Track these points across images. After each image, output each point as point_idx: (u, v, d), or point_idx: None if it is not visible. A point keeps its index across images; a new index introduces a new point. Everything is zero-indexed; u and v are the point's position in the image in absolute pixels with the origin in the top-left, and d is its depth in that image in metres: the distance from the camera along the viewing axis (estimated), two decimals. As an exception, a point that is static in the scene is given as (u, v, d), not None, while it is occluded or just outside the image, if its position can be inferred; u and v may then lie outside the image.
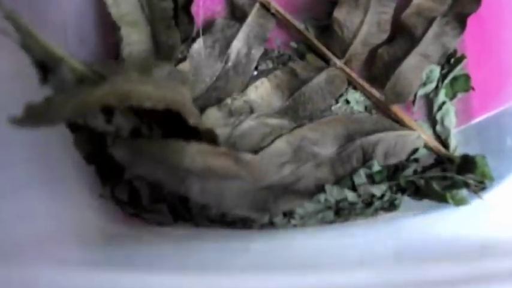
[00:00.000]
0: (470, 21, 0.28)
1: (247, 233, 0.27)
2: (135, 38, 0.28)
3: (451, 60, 0.29)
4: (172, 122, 0.23)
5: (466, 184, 0.28)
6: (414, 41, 0.29)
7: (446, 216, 0.28)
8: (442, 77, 0.30)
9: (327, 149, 0.28)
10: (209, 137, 0.24)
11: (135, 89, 0.21)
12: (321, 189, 0.27)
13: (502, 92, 0.30)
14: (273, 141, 0.27)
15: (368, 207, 0.28)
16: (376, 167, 0.28)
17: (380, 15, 0.30)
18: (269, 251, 0.26)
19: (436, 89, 0.30)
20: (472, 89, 0.30)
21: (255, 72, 0.30)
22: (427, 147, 0.29)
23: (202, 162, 0.23)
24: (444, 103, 0.30)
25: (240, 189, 0.25)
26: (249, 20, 0.30)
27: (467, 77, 0.30)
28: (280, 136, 0.28)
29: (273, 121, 0.28)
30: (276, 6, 0.30)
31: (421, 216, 0.29)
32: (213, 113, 0.28)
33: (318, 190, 0.27)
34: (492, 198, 0.29)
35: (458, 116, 0.30)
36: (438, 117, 0.30)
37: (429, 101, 0.30)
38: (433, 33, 0.29)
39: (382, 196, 0.28)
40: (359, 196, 0.28)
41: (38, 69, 0.21)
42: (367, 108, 0.30)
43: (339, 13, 0.30)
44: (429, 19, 0.29)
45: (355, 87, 0.30)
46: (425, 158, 0.29)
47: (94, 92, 0.20)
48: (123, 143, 0.23)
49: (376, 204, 0.28)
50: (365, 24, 0.29)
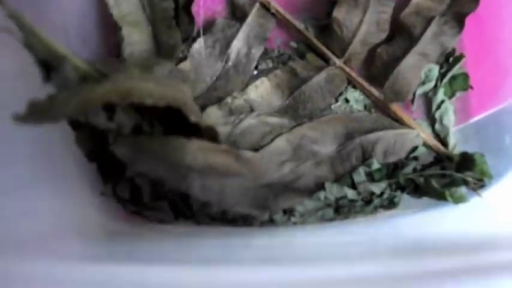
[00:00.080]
0: (469, 20, 0.29)
1: (248, 230, 0.27)
2: (136, 38, 0.29)
3: (449, 59, 0.30)
4: (174, 119, 0.23)
5: (465, 182, 0.28)
6: (413, 40, 0.29)
7: (446, 214, 0.28)
8: (441, 76, 0.30)
9: (326, 148, 0.28)
10: (210, 135, 0.24)
11: (136, 86, 0.21)
12: (320, 187, 0.27)
13: (500, 90, 0.30)
14: (273, 140, 0.28)
15: (367, 205, 0.28)
16: (375, 165, 0.28)
17: (379, 15, 0.30)
18: (269, 248, 0.26)
19: (435, 88, 0.30)
20: (471, 87, 0.30)
21: (255, 72, 0.31)
22: (426, 145, 0.30)
23: (203, 159, 0.23)
24: (443, 102, 0.30)
25: (240, 186, 0.25)
26: (249, 19, 0.30)
27: (466, 76, 0.30)
28: (280, 135, 0.28)
29: (273, 120, 0.29)
30: (276, 6, 0.30)
31: (420, 213, 0.29)
32: (213, 112, 0.28)
33: (317, 188, 0.27)
34: (491, 196, 0.29)
35: (457, 114, 0.30)
36: (437, 115, 0.30)
37: (428, 99, 0.30)
38: (432, 33, 0.29)
39: (382, 194, 0.28)
40: (359, 194, 0.28)
41: (41, 68, 0.22)
42: (366, 107, 0.31)
43: (339, 13, 0.30)
44: (428, 18, 0.29)
45: (354, 86, 0.31)
46: (424, 156, 0.30)
47: (96, 89, 0.20)
48: (125, 141, 0.23)
49: (376, 202, 0.28)
50: (364, 24, 0.30)
